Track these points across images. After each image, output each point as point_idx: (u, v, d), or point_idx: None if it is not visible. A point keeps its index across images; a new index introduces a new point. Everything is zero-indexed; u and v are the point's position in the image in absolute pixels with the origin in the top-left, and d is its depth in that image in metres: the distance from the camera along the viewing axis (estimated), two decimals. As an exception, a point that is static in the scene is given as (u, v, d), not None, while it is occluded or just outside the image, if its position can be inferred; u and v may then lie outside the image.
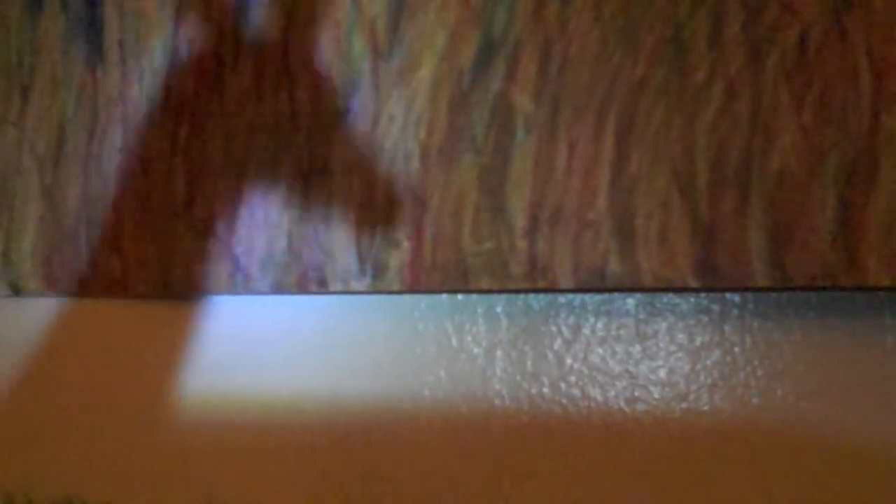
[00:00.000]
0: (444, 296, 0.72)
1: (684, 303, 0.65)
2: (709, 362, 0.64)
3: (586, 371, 0.67)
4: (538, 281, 0.62)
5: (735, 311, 0.63)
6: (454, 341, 0.71)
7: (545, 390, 0.68)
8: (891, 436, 0.59)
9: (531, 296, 0.69)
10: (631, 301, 0.66)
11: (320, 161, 0.70)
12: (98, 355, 0.87)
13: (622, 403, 0.66)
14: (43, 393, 0.89)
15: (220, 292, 0.75)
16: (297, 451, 0.76)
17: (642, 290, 0.61)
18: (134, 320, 0.85)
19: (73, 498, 0.87)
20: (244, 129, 0.73)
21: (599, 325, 0.67)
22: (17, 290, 0.85)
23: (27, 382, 0.91)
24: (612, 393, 0.66)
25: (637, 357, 0.66)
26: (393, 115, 0.67)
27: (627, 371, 0.66)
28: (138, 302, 0.84)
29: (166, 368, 0.83)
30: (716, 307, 0.64)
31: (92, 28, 0.82)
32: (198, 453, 0.81)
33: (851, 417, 0.60)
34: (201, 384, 0.81)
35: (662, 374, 0.65)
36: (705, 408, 0.63)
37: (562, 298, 0.68)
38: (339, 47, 0.70)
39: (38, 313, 0.90)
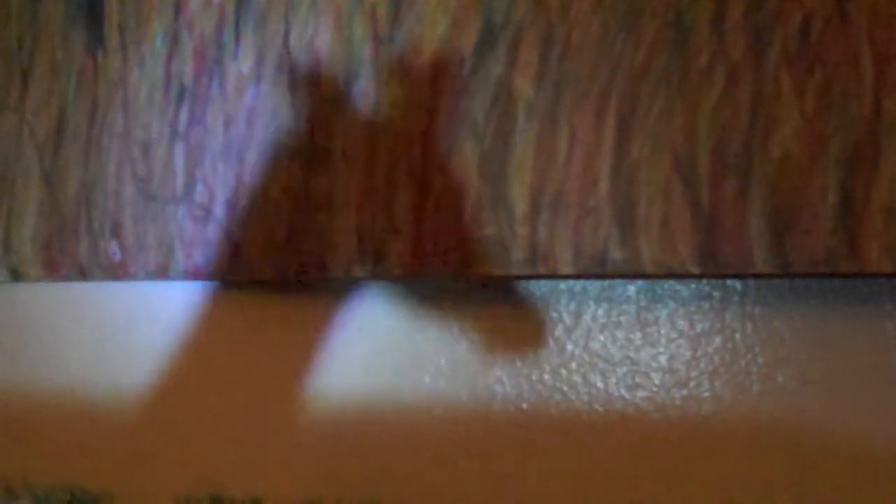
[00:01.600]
0: (445, 282, 0.72)
1: (685, 289, 0.65)
2: (710, 349, 0.64)
3: (587, 358, 0.67)
4: (539, 267, 0.62)
5: (736, 298, 0.63)
6: (455, 328, 0.71)
7: (546, 377, 0.68)
8: (891, 423, 0.59)
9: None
10: (632, 288, 0.66)
11: (321, 147, 0.70)
12: (93, 343, 0.87)
13: (623, 390, 0.66)
14: (40, 380, 0.89)
15: (219, 278, 0.75)
16: (297, 439, 0.77)
17: (643, 276, 0.61)
18: (130, 305, 0.85)
19: (72, 484, 0.87)
20: (244, 114, 0.73)
21: (600, 311, 0.67)
22: (16, 276, 0.85)
23: (23, 369, 0.91)
24: (613, 379, 0.66)
25: (638, 344, 0.66)
26: (394, 101, 0.67)
27: (628, 357, 0.66)
28: (133, 285, 0.85)
29: (161, 355, 0.83)
30: (717, 294, 0.64)
31: (92, 13, 0.81)
32: (196, 441, 0.81)
33: (852, 404, 0.60)
34: (199, 374, 0.81)
35: (663, 360, 0.65)
36: (706, 394, 0.63)
37: (563, 285, 0.68)
38: (340, 33, 0.70)
39: (36, 299, 0.91)
